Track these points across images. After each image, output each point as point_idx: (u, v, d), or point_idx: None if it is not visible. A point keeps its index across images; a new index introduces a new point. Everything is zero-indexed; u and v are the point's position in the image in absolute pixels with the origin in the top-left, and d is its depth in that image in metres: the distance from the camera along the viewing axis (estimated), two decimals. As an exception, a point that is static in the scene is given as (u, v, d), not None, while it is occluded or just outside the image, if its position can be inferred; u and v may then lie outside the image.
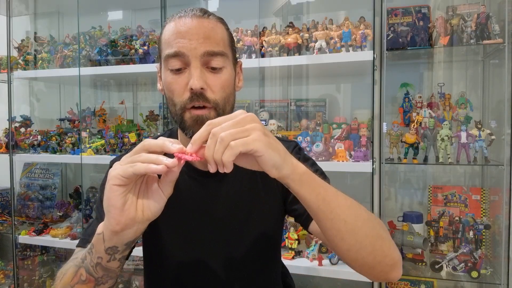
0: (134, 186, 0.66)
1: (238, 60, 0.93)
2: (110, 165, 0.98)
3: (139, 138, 1.99)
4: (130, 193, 0.65)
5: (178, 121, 0.84)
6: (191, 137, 0.81)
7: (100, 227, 0.70)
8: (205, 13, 0.84)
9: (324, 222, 0.69)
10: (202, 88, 0.79)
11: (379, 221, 0.76)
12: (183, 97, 0.81)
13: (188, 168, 0.93)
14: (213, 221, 0.92)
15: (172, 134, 0.99)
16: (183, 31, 0.80)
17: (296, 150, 0.98)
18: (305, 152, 1.01)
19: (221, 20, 0.87)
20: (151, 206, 0.66)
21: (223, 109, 0.83)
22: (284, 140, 1.00)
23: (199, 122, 0.80)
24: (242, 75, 0.95)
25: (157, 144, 0.64)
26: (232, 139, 0.60)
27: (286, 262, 1.17)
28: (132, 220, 0.65)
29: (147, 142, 0.65)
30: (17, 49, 2.26)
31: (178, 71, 0.81)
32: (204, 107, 0.81)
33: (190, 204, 0.93)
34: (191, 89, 0.79)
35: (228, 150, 0.59)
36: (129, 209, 0.65)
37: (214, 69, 0.82)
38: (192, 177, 0.93)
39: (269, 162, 0.62)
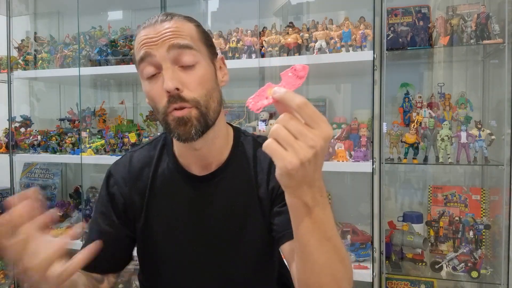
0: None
1: (217, 55, 0.90)
2: (107, 174, 0.98)
3: (139, 138, 1.99)
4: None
5: (164, 127, 0.83)
6: (178, 139, 0.81)
7: None
8: (168, 15, 0.82)
9: (307, 250, 0.66)
10: (177, 89, 0.77)
11: (348, 275, 0.75)
12: (162, 102, 0.79)
13: (183, 173, 0.92)
14: (206, 226, 0.91)
15: (167, 138, 0.98)
16: (148, 36, 0.79)
17: None
18: None
19: (188, 19, 0.84)
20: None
21: (205, 106, 0.80)
22: None
23: (182, 123, 0.78)
24: (226, 69, 0.92)
25: None
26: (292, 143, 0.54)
27: (286, 262, 1.16)
28: None
29: None
30: (17, 49, 2.26)
31: (153, 77, 0.80)
32: (183, 108, 0.79)
33: (184, 208, 0.92)
34: (167, 91, 0.77)
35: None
36: None
37: (187, 67, 0.79)
38: (187, 182, 0.92)
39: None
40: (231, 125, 0.99)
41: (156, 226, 0.93)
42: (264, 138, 1.00)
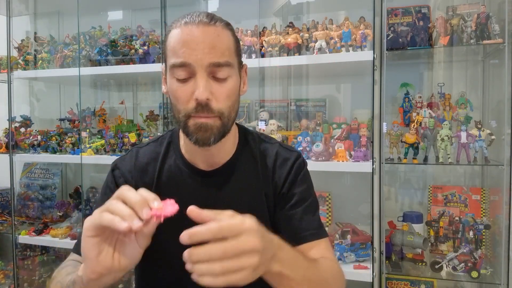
0: (110, 235, 0.65)
1: (243, 64, 0.92)
2: (112, 167, 0.98)
3: (139, 138, 1.99)
4: (105, 243, 0.65)
5: (182, 127, 0.84)
6: (195, 143, 0.83)
7: (80, 270, 0.70)
8: (211, 19, 0.83)
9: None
10: (207, 99, 0.79)
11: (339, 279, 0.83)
12: (188, 105, 0.81)
13: (191, 168, 0.93)
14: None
15: (173, 136, 0.99)
16: (189, 40, 0.80)
17: (299, 164, 0.96)
18: (307, 169, 0.99)
19: (227, 26, 0.86)
20: (128, 256, 0.66)
21: (228, 117, 0.84)
22: (286, 148, 0.99)
23: (203, 129, 0.81)
24: (246, 78, 0.95)
25: (132, 201, 0.62)
26: (224, 272, 0.58)
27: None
28: (108, 269, 0.65)
29: (124, 192, 0.63)
30: (17, 49, 2.26)
31: (184, 80, 0.81)
32: (208, 117, 0.81)
33: (191, 202, 0.92)
34: (197, 99, 0.79)
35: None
36: (105, 259, 0.64)
37: (220, 78, 0.82)
38: (194, 177, 0.93)
39: None
40: (235, 123, 1.00)
41: (162, 223, 0.93)
42: (267, 136, 1.03)
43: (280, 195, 0.94)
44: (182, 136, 0.95)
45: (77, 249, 0.92)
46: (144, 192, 0.64)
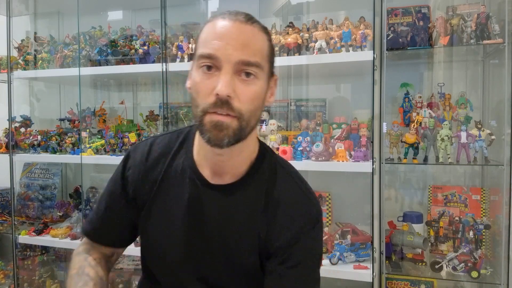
0: None
1: (274, 74, 0.88)
2: (126, 155, 0.98)
3: (139, 138, 1.99)
4: None
5: (198, 124, 0.81)
6: (207, 142, 0.79)
7: None
8: (249, 19, 0.80)
9: None
10: (228, 96, 0.75)
11: None
12: (207, 100, 0.77)
13: (196, 174, 0.90)
14: (200, 232, 0.90)
15: (189, 134, 0.95)
16: (221, 34, 0.77)
17: (311, 219, 0.89)
18: (320, 229, 0.93)
19: (264, 30, 0.83)
20: None
21: (247, 121, 0.79)
22: (303, 193, 0.92)
23: (218, 128, 0.77)
24: (275, 89, 0.90)
25: None
26: None
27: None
28: None
29: None
30: (17, 49, 2.26)
31: (209, 69, 0.78)
32: (227, 115, 0.77)
33: (185, 209, 0.91)
34: (217, 94, 0.75)
35: None
36: None
37: (247, 77, 0.78)
38: (196, 184, 0.90)
39: None
40: (260, 143, 0.95)
41: (156, 220, 0.93)
42: (287, 169, 0.95)
43: (277, 249, 0.88)
44: (197, 137, 0.91)
45: (89, 233, 1.00)
46: None
